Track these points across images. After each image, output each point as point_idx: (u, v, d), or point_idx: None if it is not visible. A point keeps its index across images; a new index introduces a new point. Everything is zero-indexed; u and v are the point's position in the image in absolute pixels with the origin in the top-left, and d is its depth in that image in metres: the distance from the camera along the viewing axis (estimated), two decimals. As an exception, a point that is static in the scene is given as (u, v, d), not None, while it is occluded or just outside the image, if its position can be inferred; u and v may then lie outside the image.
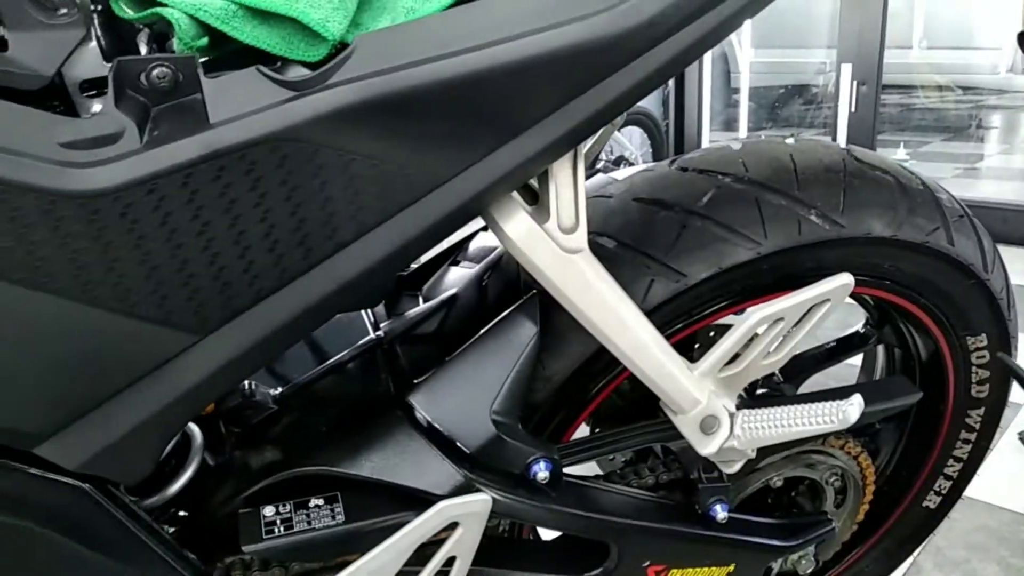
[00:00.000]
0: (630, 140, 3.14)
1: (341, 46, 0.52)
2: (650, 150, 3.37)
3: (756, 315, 0.59)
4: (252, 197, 0.47)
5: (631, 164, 2.74)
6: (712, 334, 0.80)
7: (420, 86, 0.48)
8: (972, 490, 0.96)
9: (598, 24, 0.49)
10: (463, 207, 0.53)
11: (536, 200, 0.60)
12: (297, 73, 0.51)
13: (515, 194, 0.57)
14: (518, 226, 0.55)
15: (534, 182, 0.61)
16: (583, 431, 0.76)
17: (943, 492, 0.94)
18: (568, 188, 0.57)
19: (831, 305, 0.61)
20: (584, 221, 0.57)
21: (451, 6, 0.53)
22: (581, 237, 0.57)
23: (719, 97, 4.03)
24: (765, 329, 0.61)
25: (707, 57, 3.81)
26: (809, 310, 0.61)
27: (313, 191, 0.48)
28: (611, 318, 0.58)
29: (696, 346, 0.82)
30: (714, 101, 3.94)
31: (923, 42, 5.21)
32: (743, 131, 3.93)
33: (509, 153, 0.52)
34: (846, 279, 0.60)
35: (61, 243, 0.44)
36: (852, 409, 0.56)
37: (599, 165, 2.53)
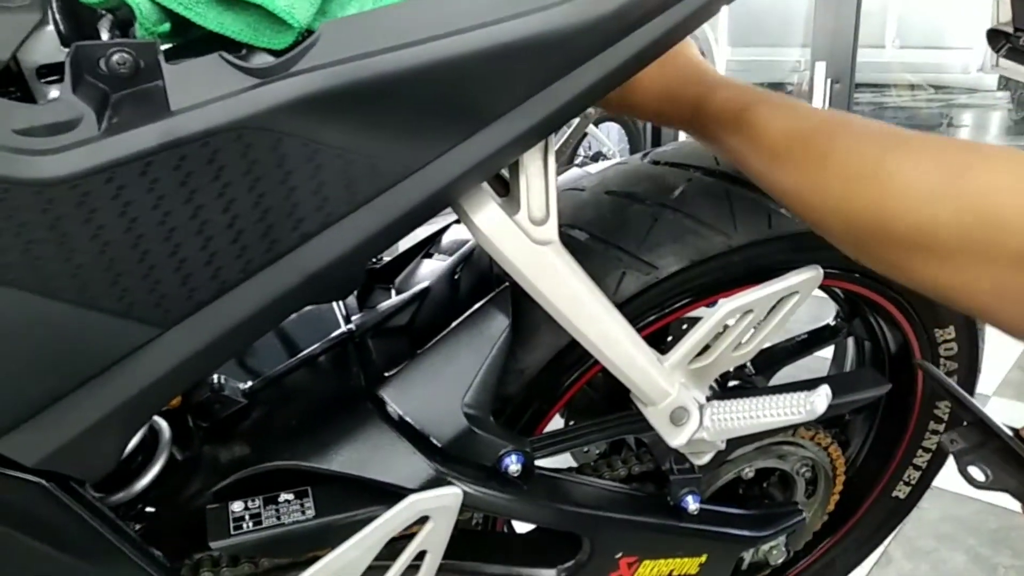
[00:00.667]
0: (607, 136, 3.14)
1: (308, 33, 0.51)
2: (627, 146, 3.37)
3: (725, 307, 0.59)
4: (214, 187, 0.46)
5: (610, 158, 2.75)
6: (684, 326, 0.81)
7: (386, 74, 0.47)
8: (941, 480, 0.97)
9: (566, 13, 0.49)
10: (432, 198, 0.52)
11: (507, 191, 0.59)
12: (262, 60, 0.50)
13: (485, 185, 0.57)
14: (488, 217, 0.55)
15: (505, 172, 0.60)
16: (557, 423, 0.76)
17: (912, 482, 0.95)
18: (539, 179, 0.56)
19: (800, 297, 0.61)
20: (555, 213, 0.57)
21: (419, -6, 0.52)
22: (551, 229, 0.57)
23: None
24: (735, 321, 0.61)
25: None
26: (779, 302, 0.62)
27: (277, 181, 0.48)
28: (581, 310, 0.58)
29: (668, 338, 0.82)
30: (691, 98, 3.95)
31: (896, 41, 5.28)
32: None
33: (478, 144, 0.51)
34: (815, 271, 0.60)
35: (16, 233, 0.43)
36: (819, 400, 0.57)
37: (577, 160, 2.53)
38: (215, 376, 0.66)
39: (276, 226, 0.49)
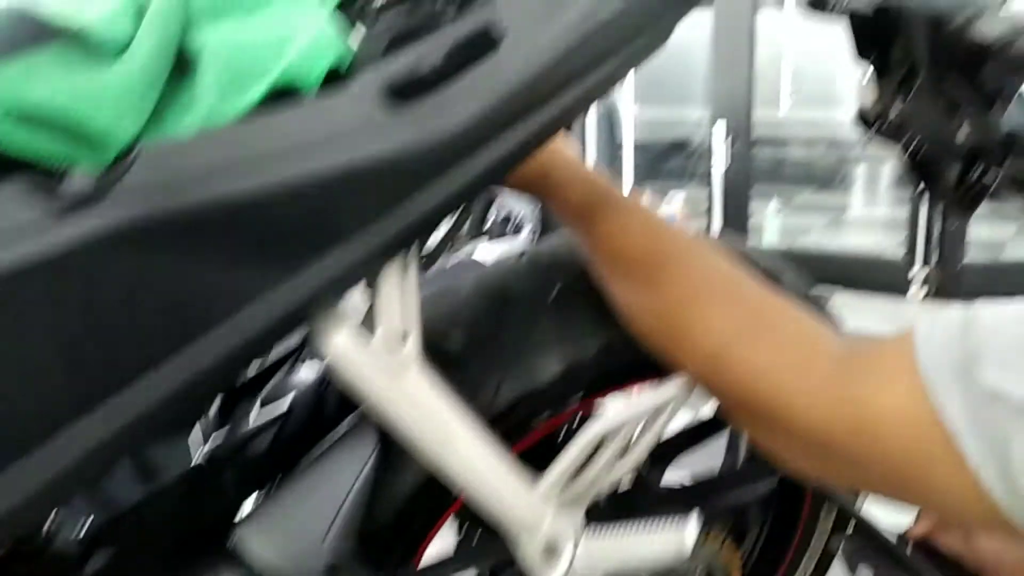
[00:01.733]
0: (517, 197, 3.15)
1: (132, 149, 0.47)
2: (539, 206, 3.40)
3: (591, 432, 0.56)
4: (13, 330, 0.41)
5: (519, 223, 2.75)
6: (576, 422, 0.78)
7: (211, 201, 0.43)
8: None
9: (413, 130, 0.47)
10: (279, 323, 0.48)
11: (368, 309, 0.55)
12: (76, 184, 0.45)
13: (342, 304, 0.53)
14: (340, 341, 0.51)
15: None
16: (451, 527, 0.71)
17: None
18: (395, 297, 0.53)
19: (674, 408, 0.59)
20: (416, 330, 0.53)
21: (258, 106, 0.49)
22: (411, 350, 0.53)
23: (604, 152, 4.14)
24: (605, 443, 0.58)
25: (592, 114, 3.92)
26: (653, 415, 0.59)
27: (91, 320, 0.43)
28: (441, 442, 0.53)
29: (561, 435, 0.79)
30: (599, 156, 4.05)
31: (791, 99, 5.58)
32: (627, 185, 4.04)
33: (325, 266, 0.48)
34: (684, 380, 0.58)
35: None
36: (689, 537, 0.54)
37: (486, 227, 2.53)
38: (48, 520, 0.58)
39: (89, 366, 0.44)
